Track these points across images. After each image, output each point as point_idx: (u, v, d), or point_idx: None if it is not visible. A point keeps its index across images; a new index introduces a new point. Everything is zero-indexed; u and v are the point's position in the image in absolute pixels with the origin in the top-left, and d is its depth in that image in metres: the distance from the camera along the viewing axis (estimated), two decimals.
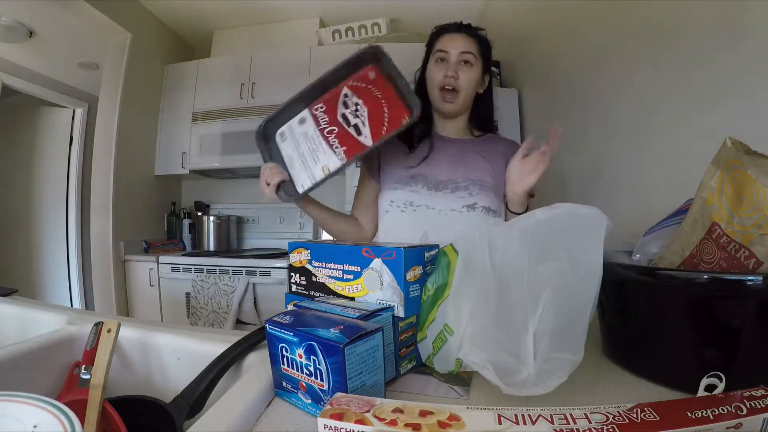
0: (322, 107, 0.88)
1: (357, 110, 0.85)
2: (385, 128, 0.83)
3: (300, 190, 0.90)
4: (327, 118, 0.88)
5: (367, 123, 0.84)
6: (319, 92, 0.88)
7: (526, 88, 2.05)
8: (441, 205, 0.94)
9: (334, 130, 0.87)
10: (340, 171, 0.87)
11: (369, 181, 1.04)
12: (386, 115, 0.83)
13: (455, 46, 0.95)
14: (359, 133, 0.85)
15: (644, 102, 1.06)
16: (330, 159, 0.87)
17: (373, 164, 1.02)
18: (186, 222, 2.78)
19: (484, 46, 0.98)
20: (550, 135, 0.83)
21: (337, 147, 0.86)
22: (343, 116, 0.86)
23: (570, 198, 1.38)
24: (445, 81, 0.94)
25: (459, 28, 0.98)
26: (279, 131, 0.94)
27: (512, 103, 2.10)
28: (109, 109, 2.35)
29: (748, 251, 0.43)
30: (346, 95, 0.86)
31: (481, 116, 1.05)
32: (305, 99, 0.89)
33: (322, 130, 0.88)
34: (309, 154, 0.90)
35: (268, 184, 0.88)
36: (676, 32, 0.93)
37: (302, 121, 0.91)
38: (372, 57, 0.83)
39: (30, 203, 3.06)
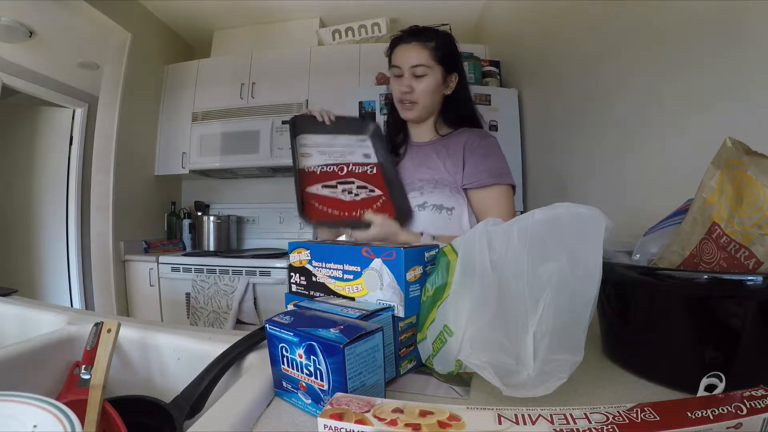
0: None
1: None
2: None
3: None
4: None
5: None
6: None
7: (526, 88, 2.05)
8: None
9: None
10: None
11: None
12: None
13: (406, 59, 0.96)
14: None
15: (644, 102, 1.06)
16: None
17: None
18: (186, 222, 2.78)
19: (440, 49, 0.96)
20: None
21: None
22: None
23: (569, 198, 1.38)
24: (402, 96, 0.98)
25: (411, 35, 0.97)
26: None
27: (512, 103, 2.10)
28: (109, 109, 2.36)
29: (748, 251, 0.43)
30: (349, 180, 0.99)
31: (453, 115, 1.05)
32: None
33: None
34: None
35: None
36: (676, 32, 0.93)
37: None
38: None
39: (30, 203, 3.06)
